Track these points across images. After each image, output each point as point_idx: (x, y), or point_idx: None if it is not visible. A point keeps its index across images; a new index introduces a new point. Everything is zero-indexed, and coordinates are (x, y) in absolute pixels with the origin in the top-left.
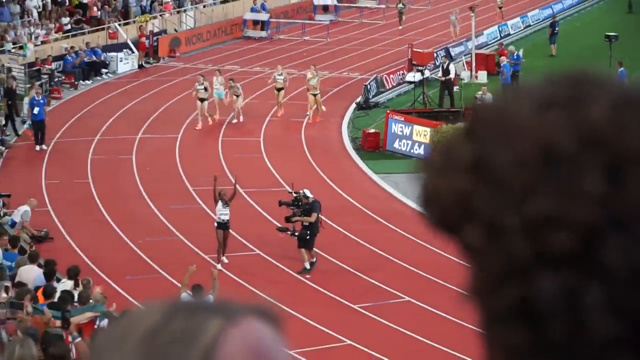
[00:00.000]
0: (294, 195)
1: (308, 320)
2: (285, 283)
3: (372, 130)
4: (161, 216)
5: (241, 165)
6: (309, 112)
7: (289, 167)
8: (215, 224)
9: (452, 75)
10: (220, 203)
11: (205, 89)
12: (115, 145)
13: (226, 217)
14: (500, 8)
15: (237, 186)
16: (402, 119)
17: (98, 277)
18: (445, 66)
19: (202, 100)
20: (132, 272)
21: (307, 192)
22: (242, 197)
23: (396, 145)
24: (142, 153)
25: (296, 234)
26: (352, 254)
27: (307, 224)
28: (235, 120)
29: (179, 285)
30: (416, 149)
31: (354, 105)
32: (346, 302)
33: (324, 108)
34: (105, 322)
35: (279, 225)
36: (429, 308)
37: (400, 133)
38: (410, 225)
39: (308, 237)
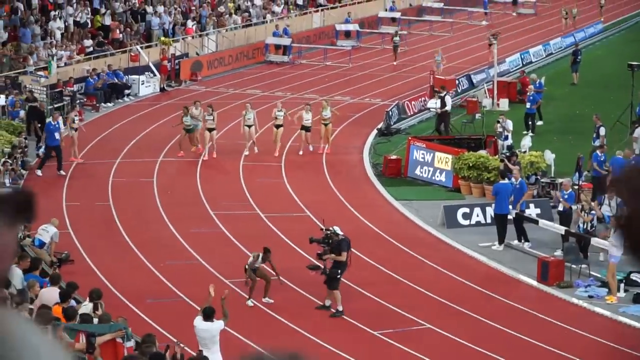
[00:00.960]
0: (325, 232)
1: (327, 346)
2: (303, 307)
3: (394, 157)
4: (182, 239)
5: (262, 189)
6: (321, 143)
7: (310, 192)
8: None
9: (448, 107)
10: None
11: (214, 118)
12: (136, 167)
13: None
14: (565, 19)
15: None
16: (424, 145)
17: (118, 300)
18: (442, 97)
19: (210, 130)
20: (153, 295)
21: (337, 230)
22: (261, 221)
23: (417, 172)
24: (163, 176)
25: (327, 271)
26: (372, 280)
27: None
28: (247, 152)
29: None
30: (437, 176)
31: (375, 132)
32: (366, 328)
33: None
34: (132, 343)
35: (311, 262)
36: (449, 335)
37: (422, 160)
38: (430, 252)
39: (339, 277)
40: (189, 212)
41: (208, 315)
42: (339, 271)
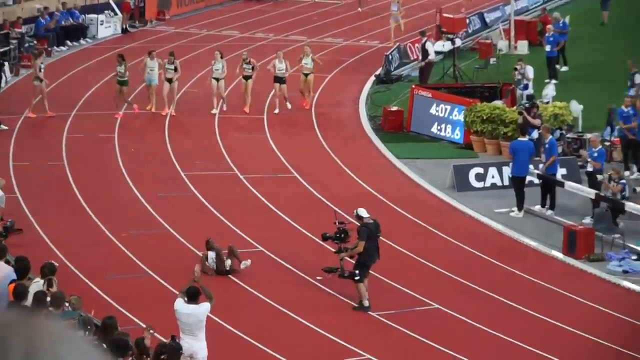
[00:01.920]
0: (338, 226)
1: (320, 330)
2: (293, 286)
3: (394, 108)
4: (148, 205)
5: (241, 146)
6: (303, 97)
7: (297, 150)
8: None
9: (432, 57)
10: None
11: (176, 68)
12: (95, 122)
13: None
14: None
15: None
16: (430, 95)
17: (74, 276)
18: (422, 45)
19: (169, 81)
20: (114, 271)
21: (362, 212)
22: (241, 184)
23: (422, 125)
24: (126, 132)
25: (345, 274)
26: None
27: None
28: (215, 111)
29: (174, 290)
30: (446, 131)
31: (372, 79)
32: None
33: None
34: (85, 333)
35: (327, 271)
36: (461, 317)
37: (428, 112)
38: (438, 220)
39: (358, 277)
40: (155, 173)
41: (193, 297)
42: (357, 272)
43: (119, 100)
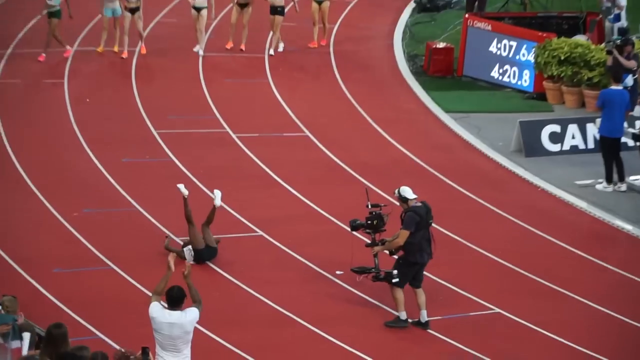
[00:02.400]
0: (370, 209)
1: (340, 343)
2: (304, 283)
3: (442, 45)
4: (108, 174)
5: (235, 97)
6: (314, 32)
7: (310, 101)
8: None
9: None
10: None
11: None
12: (37, 63)
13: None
14: None
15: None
16: (489, 27)
17: (9, 269)
18: None
19: (132, 11)
20: (63, 263)
21: (407, 192)
22: (234, 147)
23: (479, 68)
24: (79, 77)
25: (381, 276)
26: None
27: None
28: (197, 50)
29: (143, 288)
30: (510, 75)
31: (412, 6)
32: (397, 314)
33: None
34: (22, 343)
35: (359, 272)
36: (530, 325)
37: (486, 49)
38: (500, 195)
39: (396, 279)
40: (119, 131)
41: (176, 301)
42: (395, 272)
43: (56, 37)
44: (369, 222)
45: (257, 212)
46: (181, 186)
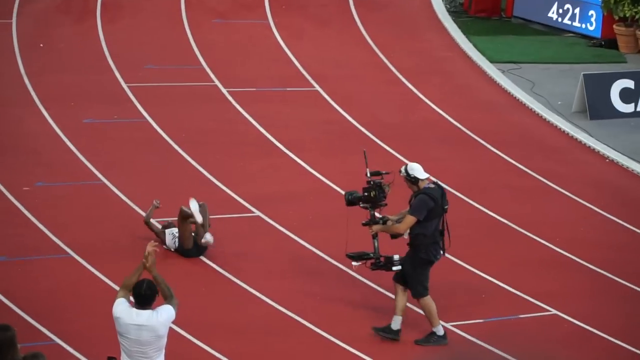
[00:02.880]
0: (369, 179)
1: (355, 351)
2: (310, 276)
3: None
4: (65, 137)
5: (226, 41)
6: None
7: (322, 48)
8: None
9: None
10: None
11: None
12: None
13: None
14: None
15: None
16: None
17: None
18: None
19: None
20: (9, 250)
21: (417, 171)
22: (225, 104)
23: (532, 8)
24: (29, 16)
25: (381, 262)
26: (456, 224)
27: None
28: None
29: (109, 281)
30: (571, 18)
31: None
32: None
33: None
34: None
35: (354, 258)
36: (598, 332)
37: None
38: (557, 166)
39: (398, 266)
40: (80, 85)
41: (146, 298)
42: (397, 257)
43: None
44: (366, 194)
45: (253, 188)
46: (193, 204)
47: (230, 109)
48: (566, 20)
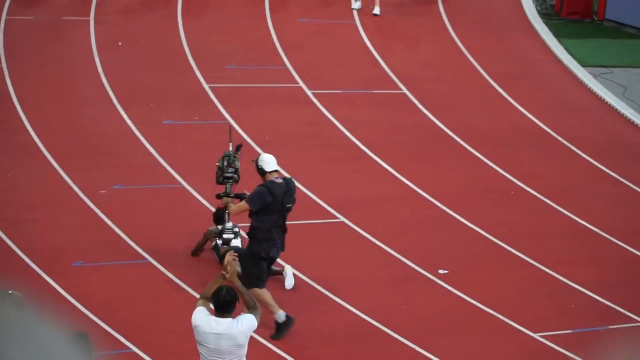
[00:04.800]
0: (225, 155)
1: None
2: (398, 283)
3: None
4: (145, 141)
5: (312, 41)
6: None
7: (409, 51)
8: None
9: None
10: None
11: None
12: None
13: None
14: None
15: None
16: None
17: (18, 261)
18: None
19: None
20: (85, 255)
21: (266, 163)
22: (309, 106)
23: (627, 10)
24: (108, 14)
25: (219, 241)
26: (543, 231)
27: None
28: None
29: (188, 288)
30: None
31: None
32: (519, 327)
33: None
34: None
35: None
36: None
37: None
38: None
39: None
40: (160, 85)
41: (225, 306)
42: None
43: None
44: (217, 163)
45: (338, 193)
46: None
47: (315, 111)
48: None
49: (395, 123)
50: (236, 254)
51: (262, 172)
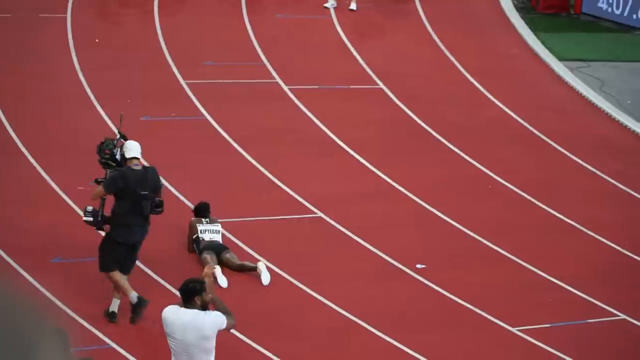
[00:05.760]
0: (103, 140)
1: (419, 356)
2: (375, 278)
3: None
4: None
5: (288, 36)
6: None
7: (386, 46)
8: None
9: None
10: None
11: None
12: None
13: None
14: None
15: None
16: None
17: None
18: None
19: None
20: (65, 252)
21: (128, 149)
22: (286, 101)
23: (602, 3)
24: (85, 10)
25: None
26: (521, 226)
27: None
28: None
29: (166, 283)
30: None
31: None
32: (501, 323)
33: None
34: None
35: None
36: None
37: None
38: (625, 167)
39: (87, 218)
40: (137, 81)
41: (189, 293)
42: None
43: None
44: (107, 147)
45: (315, 188)
46: (219, 275)
47: (292, 106)
48: (636, 17)
49: (372, 118)
50: (215, 266)
51: (124, 159)
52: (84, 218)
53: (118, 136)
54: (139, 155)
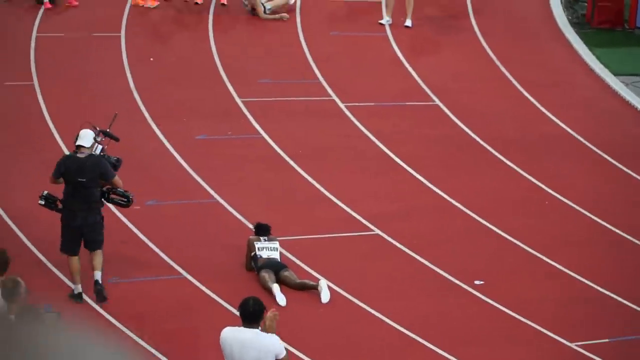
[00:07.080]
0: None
1: None
2: (433, 295)
3: None
4: (178, 156)
5: (344, 54)
6: None
7: (441, 61)
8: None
9: None
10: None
11: None
12: (89, 12)
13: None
14: None
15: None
16: None
17: (52, 277)
18: None
19: None
20: (120, 271)
21: (81, 137)
22: (343, 118)
23: None
24: (139, 29)
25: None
26: (578, 241)
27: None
28: None
29: (226, 304)
30: None
31: None
32: (559, 339)
33: None
34: None
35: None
36: None
37: None
38: None
39: (41, 201)
40: (192, 100)
41: (252, 315)
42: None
43: None
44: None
45: (372, 205)
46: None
47: (348, 124)
48: None
49: (428, 135)
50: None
51: (75, 147)
52: (38, 202)
53: (99, 131)
54: (85, 144)
